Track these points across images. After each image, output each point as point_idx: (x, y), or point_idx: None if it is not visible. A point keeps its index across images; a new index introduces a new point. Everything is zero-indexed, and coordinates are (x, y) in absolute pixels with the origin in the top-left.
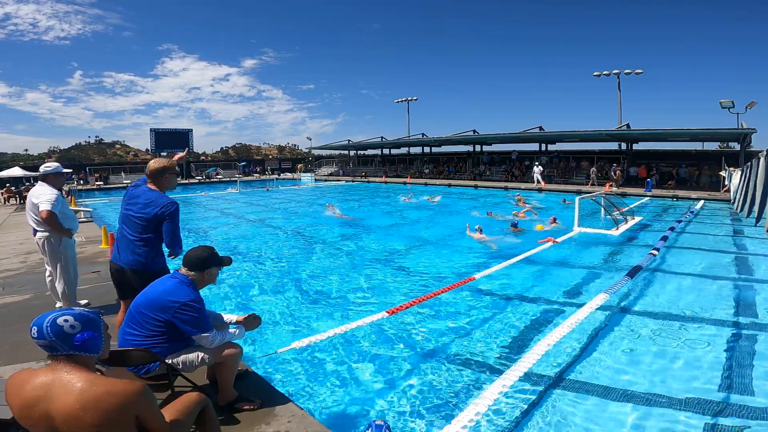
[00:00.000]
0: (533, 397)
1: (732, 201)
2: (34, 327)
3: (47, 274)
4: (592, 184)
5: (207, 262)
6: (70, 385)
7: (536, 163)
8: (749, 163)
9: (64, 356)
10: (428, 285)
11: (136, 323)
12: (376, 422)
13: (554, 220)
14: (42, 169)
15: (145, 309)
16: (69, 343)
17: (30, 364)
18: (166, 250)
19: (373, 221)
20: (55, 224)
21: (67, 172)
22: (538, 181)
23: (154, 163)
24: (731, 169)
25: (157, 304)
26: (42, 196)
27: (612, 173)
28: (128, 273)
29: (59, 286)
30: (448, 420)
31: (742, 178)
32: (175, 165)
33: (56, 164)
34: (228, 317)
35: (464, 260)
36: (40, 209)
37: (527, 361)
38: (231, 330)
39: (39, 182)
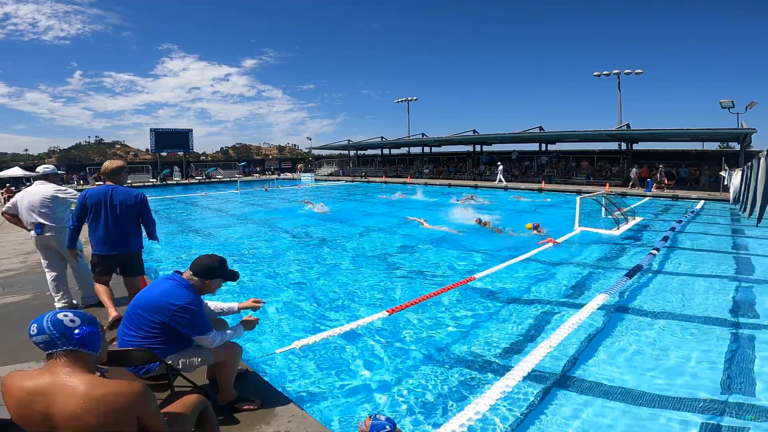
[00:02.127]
0: (533, 398)
1: (732, 201)
2: (34, 324)
3: (52, 276)
4: (633, 186)
5: (212, 272)
6: (70, 387)
7: (498, 163)
8: (750, 164)
9: (63, 353)
10: (428, 284)
11: (134, 324)
12: (377, 416)
13: (538, 227)
14: (41, 169)
15: (142, 311)
16: (69, 337)
17: (31, 365)
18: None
19: (372, 221)
20: None
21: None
22: (501, 180)
23: (110, 164)
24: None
25: (154, 306)
26: (68, 191)
27: (658, 174)
28: (122, 257)
29: (77, 278)
30: (448, 420)
31: (743, 179)
32: (125, 165)
33: (52, 166)
34: (229, 305)
35: (464, 260)
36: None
37: (529, 361)
38: (230, 330)
39: (40, 181)
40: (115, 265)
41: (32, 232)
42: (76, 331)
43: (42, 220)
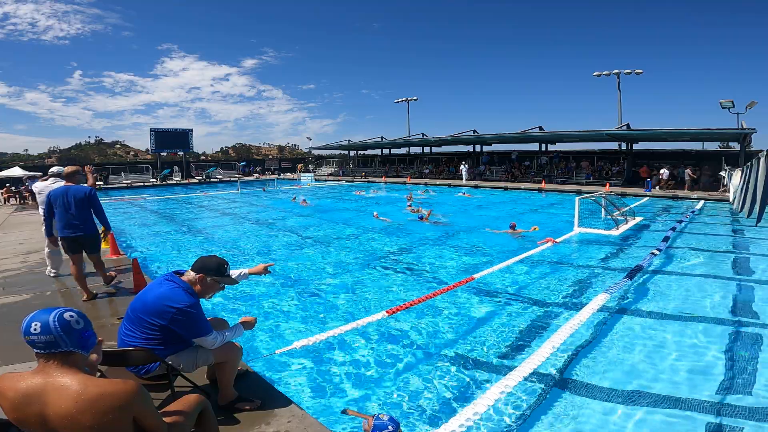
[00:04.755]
0: (533, 398)
1: (732, 201)
2: (36, 323)
3: (49, 251)
4: (689, 188)
5: (208, 268)
6: (63, 388)
7: (464, 162)
8: (749, 163)
9: (58, 354)
10: (427, 285)
11: (134, 326)
12: (380, 416)
13: (515, 227)
14: (56, 170)
15: (141, 313)
16: (73, 338)
17: (31, 365)
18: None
19: (370, 221)
20: None
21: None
22: (465, 178)
23: (68, 169)
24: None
25: (153, 308)
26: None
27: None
28: (83, 238)
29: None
30: (448, 419)
31: (743, 178)
32: (80, 169)
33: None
34: (241, 271)
35: (464, 260)
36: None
37: (530, 361)
38: (229, 330)
39: (55, 179)
40: (78, 245)
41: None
42: (81, 334)
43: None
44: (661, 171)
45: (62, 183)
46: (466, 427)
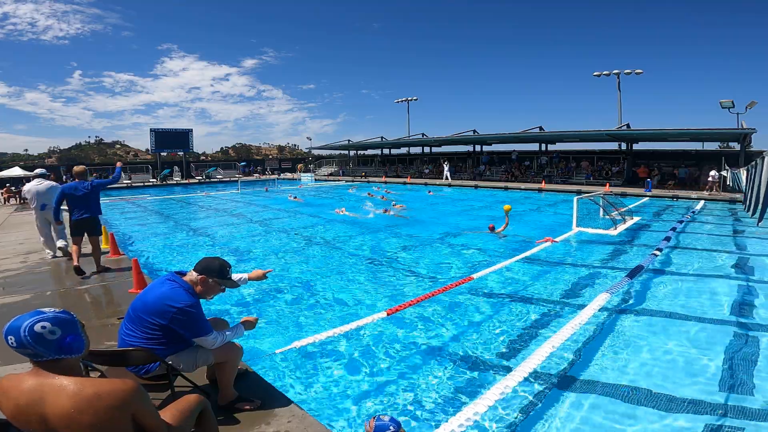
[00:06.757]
0: (533, 398)
1: (743, 201)
2: (11, 336)
3: (44, 238)
4: (709, 189)
5: (210, 270)
6: (61, 388)
7: (446, 163)
8: (753, 162)
9: (45, 362)
10: (427, 284)
11: (134, 325)
12: (381, 417)
13: (493, 228)
14: (39, 171)
15: (142, 313)
16: (52, 348)
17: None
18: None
19: (369, 220)
20: None
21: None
22: (447, 177)
23: (77, 168)
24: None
25: (154, 308)
26: (55, 184)
27: None
28: (90, 220)
29: (61, 236)
30: (448, 419)
31: (747, 179)
32: (86, 169)
33: (44, 169)
34: (241, 275)
35: (462, 260)
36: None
37: (530, 361)
38: (230, 330)
39: (40, 179)
40: (83, 227)
41: (37, 210)
42: (59, 343)
43: (45, 202)
44: (711, 174)
45: (46, 182)
46: (466, 427)
